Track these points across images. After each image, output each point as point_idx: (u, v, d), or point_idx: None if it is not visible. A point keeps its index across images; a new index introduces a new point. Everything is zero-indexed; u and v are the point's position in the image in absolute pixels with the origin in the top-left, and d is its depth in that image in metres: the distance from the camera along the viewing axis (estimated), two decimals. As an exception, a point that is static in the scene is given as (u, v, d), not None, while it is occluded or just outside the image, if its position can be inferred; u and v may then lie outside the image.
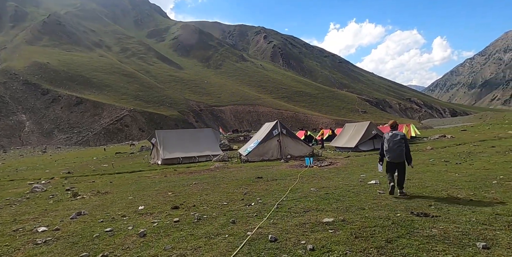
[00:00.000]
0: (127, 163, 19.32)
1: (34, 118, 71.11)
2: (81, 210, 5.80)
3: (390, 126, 6.41)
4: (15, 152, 50.62)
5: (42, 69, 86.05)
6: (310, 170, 10.93)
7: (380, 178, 7.94)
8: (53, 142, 64.93)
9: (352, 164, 11.94)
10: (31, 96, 75.57)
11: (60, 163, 23.01)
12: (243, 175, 10.23)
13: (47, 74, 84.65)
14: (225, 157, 17.55)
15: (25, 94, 75.83)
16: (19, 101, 73.65)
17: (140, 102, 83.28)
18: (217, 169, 13.15)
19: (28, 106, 73.29)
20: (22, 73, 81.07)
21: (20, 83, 78.20)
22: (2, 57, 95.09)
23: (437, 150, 14.84)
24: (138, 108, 76.93)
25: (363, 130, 18.01)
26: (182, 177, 10.73)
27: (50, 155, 40.31)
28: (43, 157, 34.12)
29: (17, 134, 66.41)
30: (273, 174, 10.28)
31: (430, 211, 4.49)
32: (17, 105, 72.90)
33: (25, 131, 67.82)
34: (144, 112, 75.38)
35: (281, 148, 16.56)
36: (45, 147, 57.41)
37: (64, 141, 65.76)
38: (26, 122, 69.63)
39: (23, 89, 76.83)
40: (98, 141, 64.86)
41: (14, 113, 70.77)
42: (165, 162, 17.24)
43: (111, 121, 71.29)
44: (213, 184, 8.54)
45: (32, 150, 53.47)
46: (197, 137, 19.93)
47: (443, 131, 31.17)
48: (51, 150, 54.21)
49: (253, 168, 12.48)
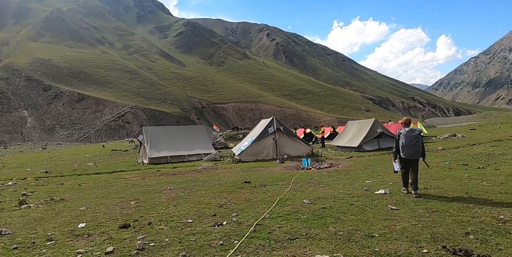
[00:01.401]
0: (115, 161, 18.00)
1: (36, 114, 70.48)
2: (6, 227, 4.51)
3: (404, 123, 6.34)
4: (15, 148, 49.81)
5: (44, 65, 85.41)
6: (307, 173, 9.66)
7: (389, 185, 6.61)
8: (55, 139, 64.27)
9: (355, 166, 10.56)
10: (33, 92, 74.95)
11: (54, 160, 21.85)
12: (229, 179, 9.04)
13: (49, 70, 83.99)
14: (217, 156, 16.15)
15: (27, 90, 75.21)
16: (21, 97, 73.06)
17: (141, 99, 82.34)
18: (204, 170, 11.92)
19: (30, 102, 72.68)
20: (24, 69, 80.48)
21: (22, 79, 77.60)
22: (5, 53, 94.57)
23: (450, 151, 13.23)
24: (139, 105, 76.02)
25: (367, 128, 16.41)
26: (160, 180, 9.52)
27: (49, 151, 39.30)
28: (41, 154, 33.04)
29: (19, 130, 65.81)
30: (263, 177, 9.06)
31: (471, 244, 3.14)
32: (19, 101, 72.32)
33: (27, 127, 67.22)
34: (145, 109, 74.45)
35: (277, 147, 15.10)
36: (45, 144, 56.64)
37: (66, 137, 65.10)
38: (28, 118, 69.02)
39: (25, 85, 76.22)
40: (100, 137, 64.12)
41: (16, 109, 70.18)
42: (152, 161, 15.88)
43: (112, 117, 70.47)
44: (190, 191, 7.32)
45: (32, 146, 52.65)
46: (188, 135, 18.48)
47: (450, 130, 29.49)
48: (52, 146, 53.36)
49: (243, 170, 11.30)
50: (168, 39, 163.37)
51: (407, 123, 6.35)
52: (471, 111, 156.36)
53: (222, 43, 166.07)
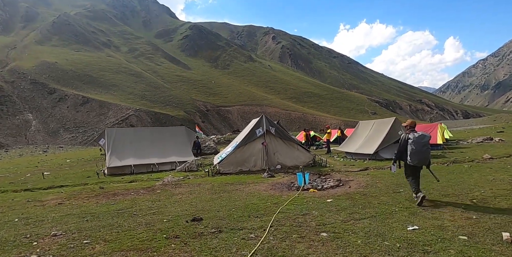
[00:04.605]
0: (78, 170, 15.63)
1: (40, 117, 70.76)
2: None
3: (409, 126, 5.95)
4: (16, 151, 49.75)
5: (50, 69, 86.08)
6: (302, 198, 6.59)
7: (465, 243, 3.79)
8: (58, 142, 64.30)
9: (377, 187, 7.34)
10: (38, 95, 75.41)
11: (41, 165, 20.82)
12: (175, 210, 6.20)
13: (54, 73, 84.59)
14: (193, 165, 13.12)
15: (32, 93, 75.69)
16: (26, 100, 73.51)
17: (146, 102, 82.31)
18: (163, 187, 9.29)
19: (35, 105, 73.07)
20: (30, 73, 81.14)
21: (28, 82, 78.19)
22: (12, 57, 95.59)
23: (504, 160, 10.50)
24: (144, 107, 75.93)
25: (386, 130, 12.92)
26: (79, 208, 6.97)
27: (46, 155, 38.90)
28: (37, 158, 32.48)
29: (23, 133, 66.01)
30: (231, 207, 6.11)
31: None
32: (24, 104, 72.74)
33: (31, 130, 67.43)
34: (149, 112, 74.29)
35: (267, 155, 11.86)
36: (47, 147, 56.61)
37: (69, 140, 65.09)
38: (32, 121, 69.29)
39: (30, 88, 76.75)
40: (103, 141, 63.92)
41: (21, 112, 70.54)
42: (111, 171, 13.14)
43: (116, 120, 70.35)
44: (79, 242, 4.45)
45: (34, 150, 52.57)
46: (163, 138, 15.49)
47: (473, 132, 26.77)
48: (53, 149, 53.24)
49: (214, 188, 8.54)
50: (173, 43, 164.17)
51: (413, 126, 5.91)
52: (480, 114, 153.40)
53: (228, 46, 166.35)
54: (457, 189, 6.80)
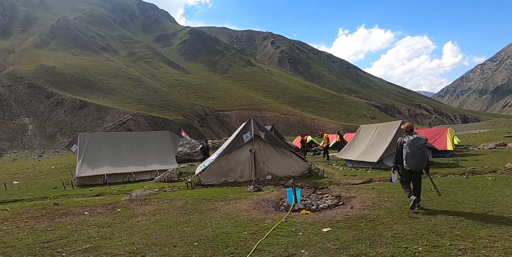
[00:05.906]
0: (54, 178, 14.43)
1: (37, 121, 70.02)
2: None
3: (406, 129, 5.82)
4: (11, 156, 48.95)
5: (48, 73, 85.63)
6: (290, 226, 5.13)
7: None
8: (55, 146, 63.45)
9: (386, 207, 5.95)
10: (35, 99, 74.78)
11: (25, 172, 19.75)
12: (116, 245, 4.66)
13: (52, 77, 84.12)
14: (173, 174, 11.88)
15: (29, 97, 75.06)
16: (23, 104, 72.84)
17: (144, 106, 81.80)
18: (123, 206, 7.80)
19: (32, 109, 72.38)
20: (27, 77, 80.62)
21: (25, 86, 77.62)
22: (10, 61, 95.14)
23: None
24: (142, 112, 75.37)
25: (391, 134, 11.35)
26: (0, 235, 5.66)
27: (39, 160, 38.19)
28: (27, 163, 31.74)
29: (19, 137, 65.16)
30: (192, 243, 4.58)
31: None
32: (21, 108, 72.05)
33: (27, 134, 66.60)
34: (147, 116, 73.72)
35: (256, 164, 10.47)
36: (43, 151, 55.81)
37: (66, 145, 64.28)
38: (29, 126, 68.50)
39: (27, 92, 76.15)
40: (99, 145, 63.18)
41: (18, 116, 69.79)
42: (81, 182, 11.99)
43: (114, 125, 69.69)
44: None
45: (29, 154, 51.78)
46: (143, 144, 14.14)
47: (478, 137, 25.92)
48: (48, 154, 52.45)
49: (187, 205, 7.28)
50: (172, 47, 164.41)
51: (409, 130, 5.76)
52: (479, 118, 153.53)
53: (227, 50, 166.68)
54: (495, 212, 5.30)
